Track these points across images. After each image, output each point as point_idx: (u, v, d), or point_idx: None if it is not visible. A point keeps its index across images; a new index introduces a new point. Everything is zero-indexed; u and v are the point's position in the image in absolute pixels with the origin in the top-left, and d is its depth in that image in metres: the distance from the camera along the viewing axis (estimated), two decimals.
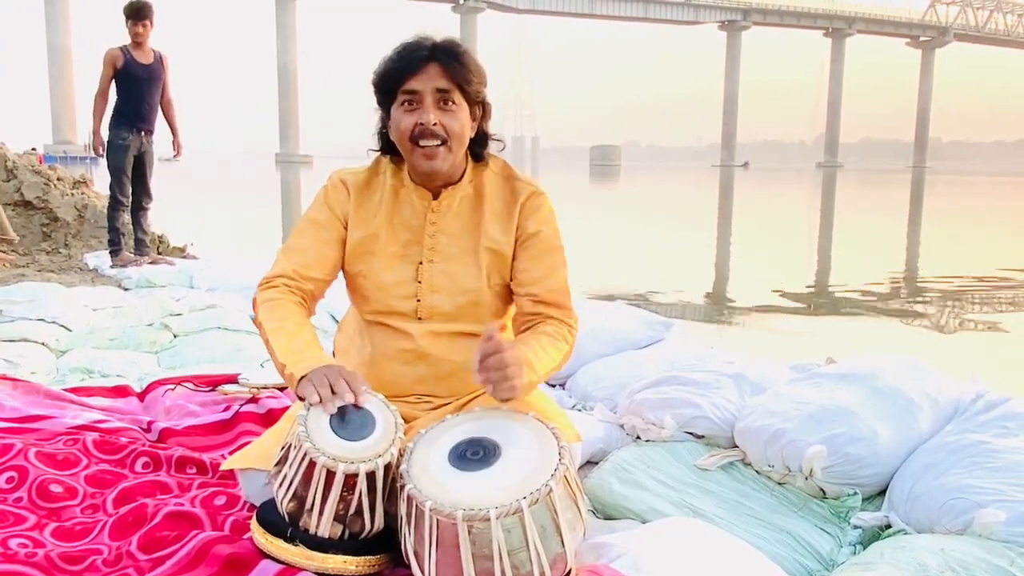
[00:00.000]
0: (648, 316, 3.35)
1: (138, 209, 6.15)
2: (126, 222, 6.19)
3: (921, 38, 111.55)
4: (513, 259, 1.82)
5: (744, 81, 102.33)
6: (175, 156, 6.53)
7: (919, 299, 7.88)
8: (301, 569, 1.50)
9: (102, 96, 5.86)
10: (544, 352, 1.70)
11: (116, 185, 5.96)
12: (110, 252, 6.11)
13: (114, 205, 6.03)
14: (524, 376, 1.57)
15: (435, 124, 1.71)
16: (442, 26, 1.80)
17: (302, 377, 1.59)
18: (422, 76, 1.70)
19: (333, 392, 1.55)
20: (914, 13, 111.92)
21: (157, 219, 7.87)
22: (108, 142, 5.89)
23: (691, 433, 2.30)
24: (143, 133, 5.97)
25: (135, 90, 5.86)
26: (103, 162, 5.99)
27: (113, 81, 5.84)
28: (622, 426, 2.43)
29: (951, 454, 1.93)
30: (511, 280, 1.83)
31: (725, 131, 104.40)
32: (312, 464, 1.47)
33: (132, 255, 6.08)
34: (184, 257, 6.84)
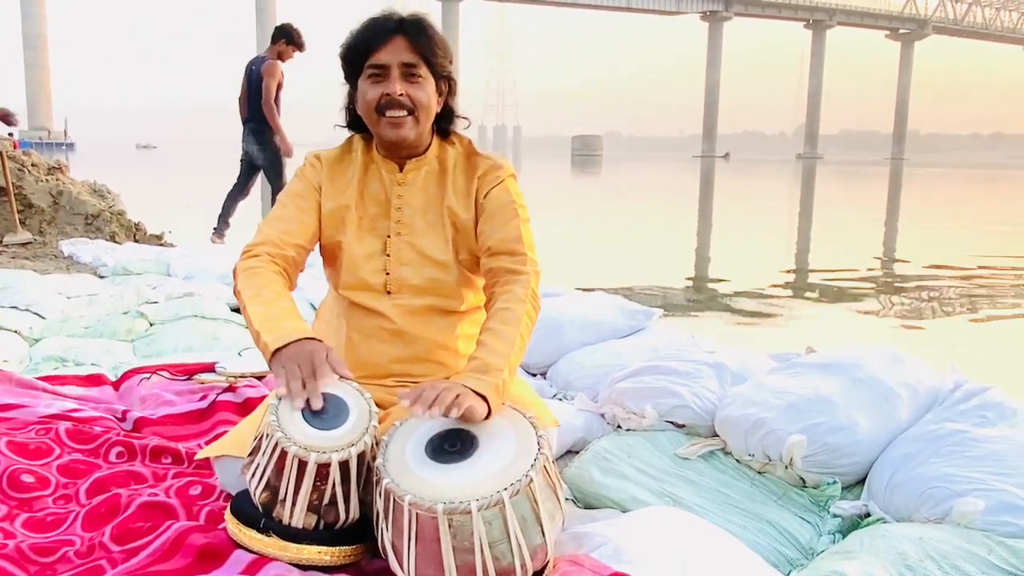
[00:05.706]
0: (629, 305, 3.34)
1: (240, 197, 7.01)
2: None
3: (900, 30, 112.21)
4: (476, 231, 1.81)
5: (725, 72, 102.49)
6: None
7: (898, 288, 7.94)
8: (274, 559, 1.48)
9: (276, 104, 6.58)
10: (499, 340, 1.62)
11: (283, 182, 6.50)
12: (218, 229, 6.92)
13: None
14: (480, 383, 1.52)
15: (401, 94, 1.73)
16: (413, 5, 1.82)
17: (276, 351, 1.56)
18: (389, 49, 1.73)
19: (304, 385, 1.51)
20: (894, 5, 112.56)
21: (133, 207, 7.80)
22: (276, 145, 6.60)
23: (672, 422, 2.29)
24: None
25: (280, 102, 6.72)
26: (80, 149, 6.08)
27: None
28: (603, 415, 2.42)
29: (930, 443, 1.94)
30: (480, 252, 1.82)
31: (706, 122, 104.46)
32: (284, 454, 1.45)
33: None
34: (161, 245, 6.79)
